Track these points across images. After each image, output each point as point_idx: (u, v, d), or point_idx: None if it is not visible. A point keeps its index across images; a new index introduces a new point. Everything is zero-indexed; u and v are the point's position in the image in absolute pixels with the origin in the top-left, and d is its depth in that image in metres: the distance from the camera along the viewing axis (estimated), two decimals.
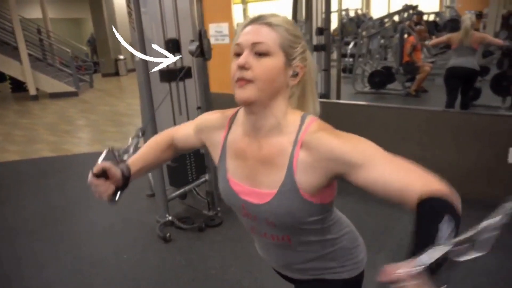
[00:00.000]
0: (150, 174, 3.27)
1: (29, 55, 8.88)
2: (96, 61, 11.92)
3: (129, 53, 12.40)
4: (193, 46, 2.46)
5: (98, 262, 2.47)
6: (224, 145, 0.95)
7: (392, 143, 1.87)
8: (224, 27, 3.87)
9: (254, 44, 0.80)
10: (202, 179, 3.01)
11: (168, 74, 2.59)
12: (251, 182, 0.89)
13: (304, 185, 0.81)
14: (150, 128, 2.63)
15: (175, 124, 2.74)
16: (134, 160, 0.98)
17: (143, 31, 2.44)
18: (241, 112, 0.93)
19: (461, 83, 4.12)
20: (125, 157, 0.97)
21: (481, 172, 2.96)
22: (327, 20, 4.69)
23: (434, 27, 7.53)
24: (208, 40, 2.48)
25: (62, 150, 5.07)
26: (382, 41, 6.70)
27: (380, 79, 6.34)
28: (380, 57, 6.89)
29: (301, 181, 0.81)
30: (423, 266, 0.52)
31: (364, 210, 2.77)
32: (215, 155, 0.98)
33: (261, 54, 0.80)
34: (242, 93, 0.80)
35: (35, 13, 11.50)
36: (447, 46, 6.32)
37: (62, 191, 3.66)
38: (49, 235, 2.85)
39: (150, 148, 1.06)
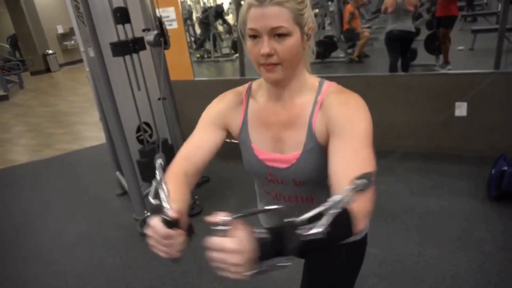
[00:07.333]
0: (118, 173, 3.16)
1: None
2: (22, 59, 10.90)
3: (58, 47, 11.38)
4: (151, 36, 2.35)
5: (84, 273, 2.38)
6: (244, 118, 0.99)
7: None
8: (170, 11, 3.73)
9: (273, 29, 0.80)
10: None
11: (121, 47, 2.43)
12: (276, 147, 0.95)
13: (322, 138, 0.89)
14: (113, 119, 2.52)
15: (135, 102, 2.64)
16: (178, 201, 0.78)
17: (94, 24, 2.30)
18: (257, 83, 1.00)
19: (400, 45, 4.39)
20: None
21: (432, 127, 3.23)
22: None
23: None
24: (166, 27, 2.39)
25: (6, 161, 4.68)
26: (316, 10, 6.87)
27: (324, 49, 6.53)
28: (318, 26, 7.06)
29: (320, 136, 0.89)
30: (244, 215, 0.56)
31: None
32: (235, 131, 1.02)
33: (281, 36, 0.81)
34: (272, 76, 0.86)
35: None
36: (379, 10, 6.65)
37: (20, 206, 3.42)
38: (19, 254, 2.67)
39: (182, 183, 0.87)
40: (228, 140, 1.23)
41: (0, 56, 10.28)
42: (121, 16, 2.38)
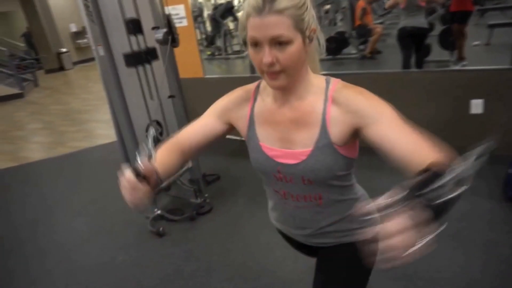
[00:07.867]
0: None
1: None
2: (36, 57, 11.08)
3: (72, 45, 11.53)
4: (160, 34, 2.35)
5: (94, 270, 2.40)
6: (251, 116, 0.99)
7: None
8: (180, 8, 3.73)
9: (273, 38, 0.79)
10: (185, 168, 2.97)
11: (134, 58, 2.46)
12: (284, 144, 0.95)
13: (336, 138, 0.88)
14: (124, 118, 2.53)
15: (145, 100, 2.65)
16: (160, 165, 0.91)
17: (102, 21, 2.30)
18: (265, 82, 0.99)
19: (413, 42, 4.30)
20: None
21: (446, 125, 3.15)
22: None
23: None
24: (174, 25, 2.38)
25: (21, 159, 4.76)
26: (328, 6, 6.79)
27: (336, 45, 6.44)
28: (329, 22, 6.99)
29: (334, 135, 0.88)
30: (405, 195, 0.58)
31: None
32: (242, 128, 1.02)
33: (282, 44, 0.80)
34: (276, 83, 0.86)
35: None
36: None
37: (33, 203, 3.47)
38: (30, 251, 2.71)
39: (170, 150, 1.00)
40: (237, 138, 1.22)
41: (16, 55, 10.45)
42: (134, 27, 2.41)
